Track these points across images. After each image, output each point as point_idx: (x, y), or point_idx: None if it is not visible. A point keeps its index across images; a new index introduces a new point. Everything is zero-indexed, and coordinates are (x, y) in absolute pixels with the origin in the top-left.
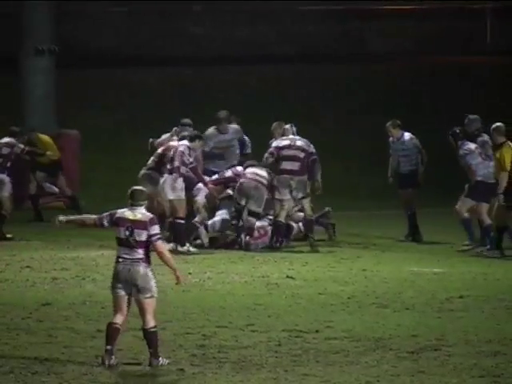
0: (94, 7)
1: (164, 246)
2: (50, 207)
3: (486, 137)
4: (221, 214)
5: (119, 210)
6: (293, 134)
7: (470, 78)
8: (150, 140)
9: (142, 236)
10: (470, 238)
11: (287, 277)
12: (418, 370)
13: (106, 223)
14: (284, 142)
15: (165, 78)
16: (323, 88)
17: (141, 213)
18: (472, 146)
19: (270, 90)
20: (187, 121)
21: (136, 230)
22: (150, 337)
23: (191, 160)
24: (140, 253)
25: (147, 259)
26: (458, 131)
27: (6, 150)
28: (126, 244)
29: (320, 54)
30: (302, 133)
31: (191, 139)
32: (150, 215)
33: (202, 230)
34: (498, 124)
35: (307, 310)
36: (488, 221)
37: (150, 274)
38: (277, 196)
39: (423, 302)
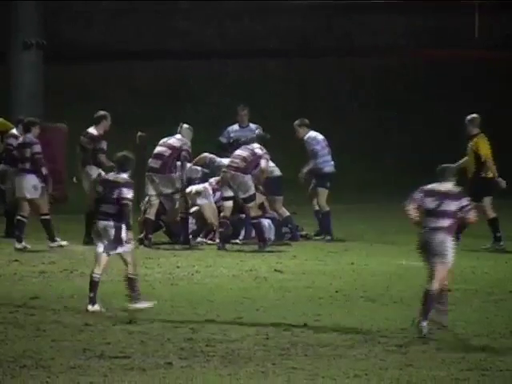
0: (82, 2)
1: None
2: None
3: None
4: None
5: None
6: (179, 133)
7: (458, 73)
8: (139, 134)
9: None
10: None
11: (275, 270)
12: (406, 364)
13: None
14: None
15: (152, 72)
16: (311, 82)
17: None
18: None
19: (258, 85)
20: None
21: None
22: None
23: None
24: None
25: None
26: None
27: None
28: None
29: (308, 49)
30: (290, 128)
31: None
32: None
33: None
34: (474, 115)
35: (295, 303)
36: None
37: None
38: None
39: (411, 296)
